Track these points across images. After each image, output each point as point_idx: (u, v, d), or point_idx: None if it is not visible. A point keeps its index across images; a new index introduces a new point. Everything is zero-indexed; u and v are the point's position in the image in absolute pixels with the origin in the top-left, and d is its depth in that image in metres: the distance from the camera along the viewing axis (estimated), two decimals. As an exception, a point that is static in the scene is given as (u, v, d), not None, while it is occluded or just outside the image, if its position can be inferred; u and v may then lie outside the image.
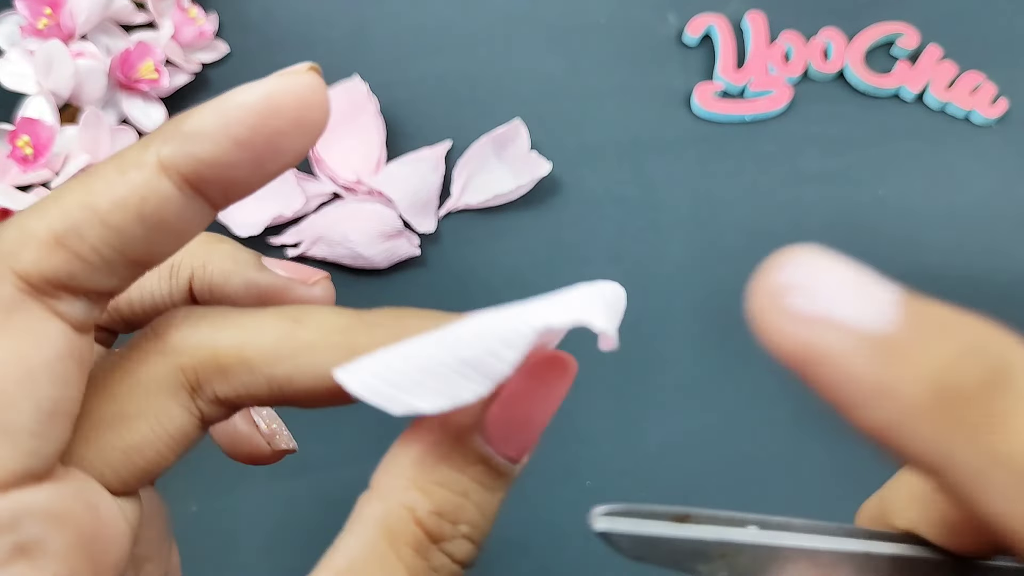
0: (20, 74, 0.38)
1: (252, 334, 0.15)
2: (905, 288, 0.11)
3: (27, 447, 0.13)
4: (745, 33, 0.45)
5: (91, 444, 0.15)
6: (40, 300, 0.13)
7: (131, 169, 0.13)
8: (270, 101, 0.14)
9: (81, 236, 0.13)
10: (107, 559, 0.14)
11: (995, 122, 0.44)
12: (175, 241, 0.14)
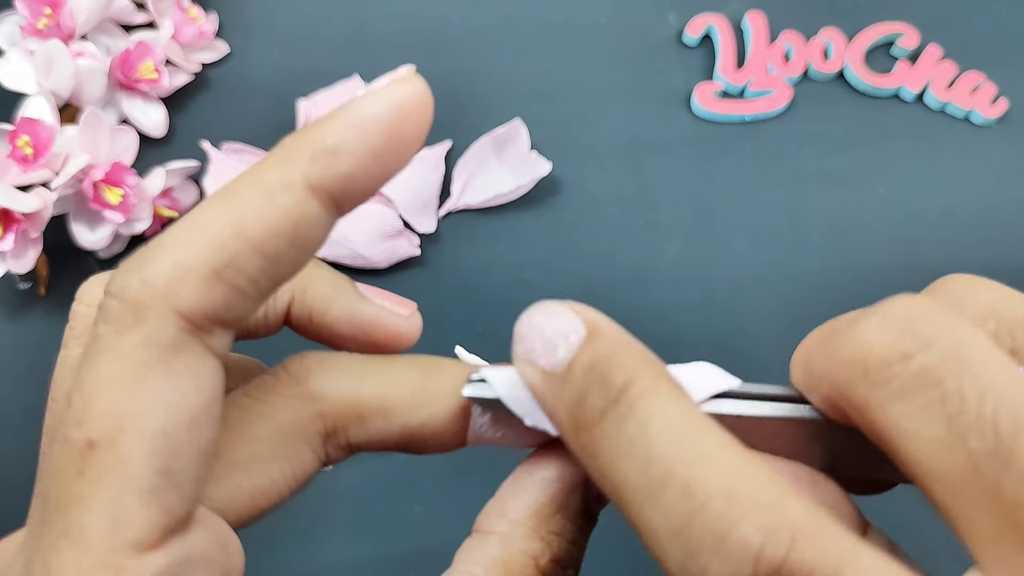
0: (20, 74, 0.38)
1: (392, 386, 0.15)
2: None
3: (189, 493, 0.13)
4: (745, 33, 0.45)
5: (221, 485, 0.14)
6: (199, 338, 0.13)
7: (280, 193, 0.13)
8: (400, 111, 0.14)
9: (239, 269, 0.13)
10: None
11: (995, 122, 0.44)
12: (310, 258, 0.14)
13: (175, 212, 0.40)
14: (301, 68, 0.44)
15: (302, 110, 0.41)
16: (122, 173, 0.37)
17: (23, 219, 0.35)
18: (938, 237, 0.42)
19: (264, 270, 0.13)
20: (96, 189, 0.36)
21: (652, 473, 0.13)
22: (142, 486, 0.12)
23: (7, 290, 0.39)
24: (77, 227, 0.37)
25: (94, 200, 0.36)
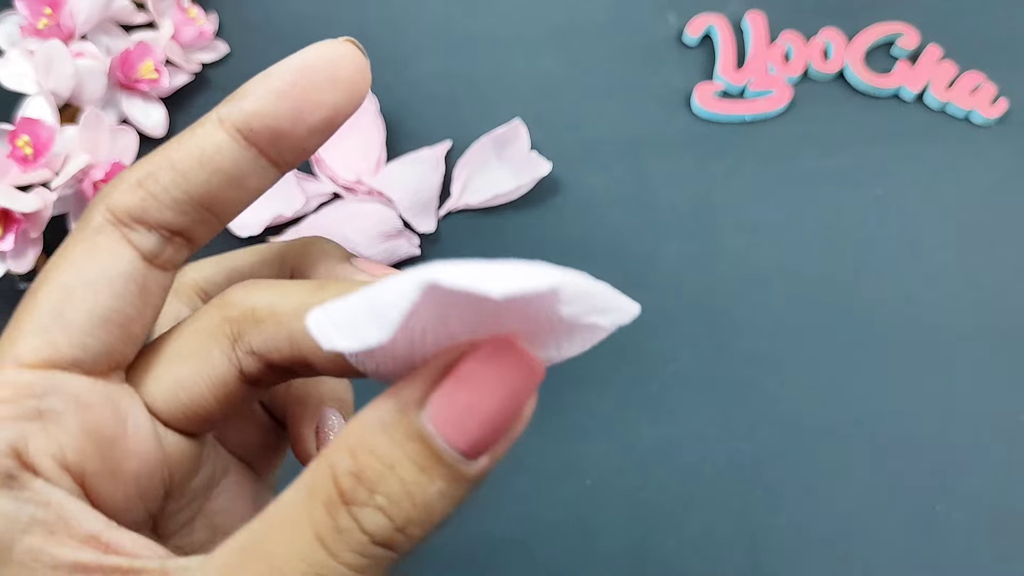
0: (20, 74, 0.38)
1: (284, 296, 0.17)
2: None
3: (77, 340, 0.16)
4: (745, 33, 0.45)
5: (150, 374, 0.18)
6: (119, 228, 0.17)
7: (197, 127, 0.17)
8: (304, 59, 0.16)
9: (156, 179, 0.16)
10: (123, 466, 0.17)
11: (995, 122, 0.44)
12: (236, 188, 0.17)
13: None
14: (301, 68, 0.44)
15: (302, 110, 0.41)
16: (122, 173, 0.37)
17: (23, 219, 0.35)
18: (938, 237, 0.42)
19: (175, 182, 0.16)
20: (96, 189, 0.36)
21: None
22: (37, 320, 0.16)
23: (7, 290, 0.39)
24: (77, 227, 0.37)
25: (94, 200, 0.36)
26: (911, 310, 0.41)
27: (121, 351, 0.17)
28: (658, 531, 0.36)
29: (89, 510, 0.16)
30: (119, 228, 0.17)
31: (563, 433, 0.38)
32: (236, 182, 0.17)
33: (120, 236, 0.17)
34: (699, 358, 0.39)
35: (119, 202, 0.16)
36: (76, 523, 0.15)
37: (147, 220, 0.17)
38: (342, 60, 0.16)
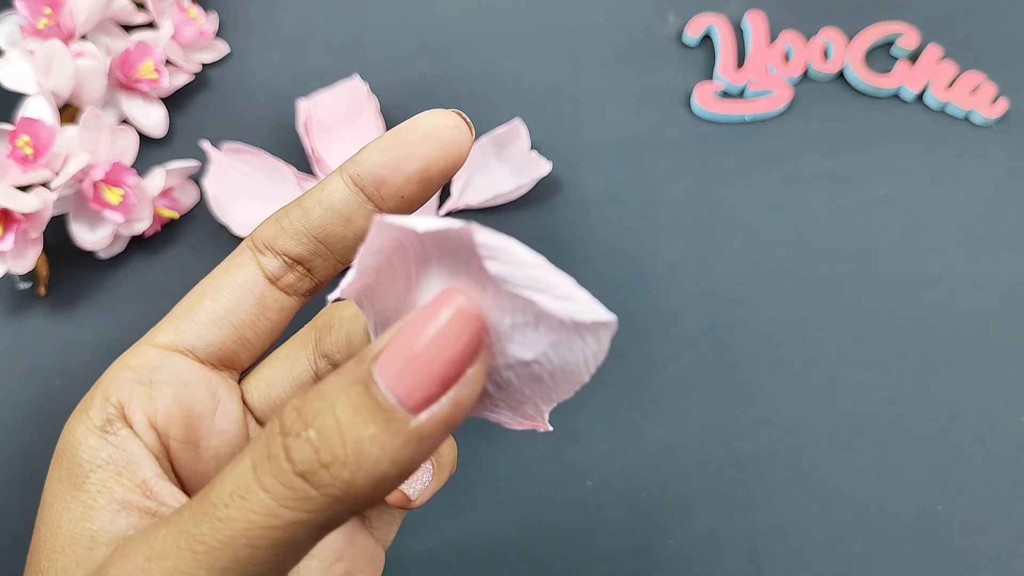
0: (20, 74, 0.38)
1: (350, 304, 0.21)
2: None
3: (196, 331, 0.20)
4: (745, 33, 0.45)
5: (255, 374, 0.22)
6: (253, 252, 0.20)
7: (325, 179, 0.20)
8: (409, 122, 0.19)
9: (287, 214, 0.20)
10: (206, 441, 0.20)
11: (995, 122, 0.44)
12: (344, 224, 0.20)
13: (175, 212, 0.40)
14: (301, 68, 0.44)
15: (302, 110, 0.41)
16: (122, 173, 0.37)
17: (23, 219, 0.35)
18: (938, 237, 0.42)
19: (299, 216, 0.20)
20: (96, 189, 0.36)
21: None
22: (176, 313, 0.20)
23: (7, 290, 0.39)
24: (77, 227, 0.37)
25: (94, 200, 0.36)
26: (911, 310, 0.41)
27: (232, 348, 0.20)
28: (658, 531, 0.36)
29: (150, 462, 0.19)
30: (253, 252, 0.20)
31: (564, 434, 0.38)
32: (344, 219, 0.20)
33: (251, 257, 0.20)
34: (699, 358, 0.39)
35: (259, 233, 0.21)
36: (137, 470, 0.18)
37: (275, 247, 0.20)
38: (441, 121, 0.19)
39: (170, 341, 0.20)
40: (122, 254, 0.40)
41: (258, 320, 0.20)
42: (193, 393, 0.20)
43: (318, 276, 0.21)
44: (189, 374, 0.20)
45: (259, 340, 0.21)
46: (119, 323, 0.39)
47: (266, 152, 0.41)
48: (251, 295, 0.20)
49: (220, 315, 0.20)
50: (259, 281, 0.20)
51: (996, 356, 0.40)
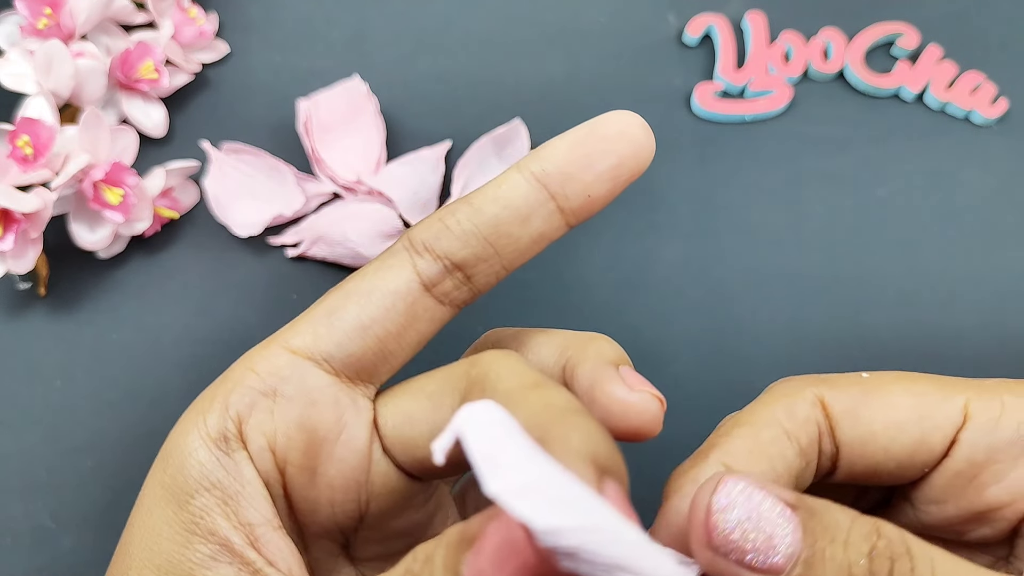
0: (20, 74, 0.38)
1: (510, 376, 0.17)
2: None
3: (335, 338, 0.18)
4: (745, 33, 0.45)
5: (393, 398, 0.19)
6: (409, 253, 0.18)
7: (500, 176, 0.19)
8: (598, 119, 0.18)
9: (452, 212, 0.18)
10: (324, 468, 0.18)
11: (995, 122, 0.44)
12: (520, 224, 0.18)
13: (175, 212, 0.40)
14: (301, 68, 0.44)
15: (302, 110, 0.41)
16: (122, 173, 0.37)
17: (23, 219, 0.35)
18: (938, 237, 0.42)
19: (468, 215, 0.18)
20: (96, 189, 0.36)
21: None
22: (314, 314, 0.19)
23: (7, 290, 0.39)
24: (77, 227, 0.37)
25: (94, 200, 0.36)
26: (911, 310, 0.41)
27: (371, 361, 0.18)
28: (658, 531, 0.36)
29: (263, 499, 0.17)
30: (410, 253, 0.19)
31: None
32: (522, 219, 0.18)
33: (407, 259, 0.19)
34: (699, 359, 0.39)
35: (418, 232, 0.19)
36: (246, 505, 0.17)
37: (436, 249, 0.18)
38: (632, 120, 0.18)
39: (305, 346, 0.18)
40: (122, 254, 0.40)
41: (405, 331, 0.19)
42: (319, 415, 0.18)
43: (477, 285, 0.19)
44: (318, 392, 0.18)
45: (402, 352, 0.19)
46: (119, 323, 0.39)
47: (266, 152, 0.41)
48: (402, 303, 0.18)
49: (366, 324, 0.18)
50: (413, 288, 0.18)
51: (996, 356, 0.40)
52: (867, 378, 0.18)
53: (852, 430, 0.18)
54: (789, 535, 0.15)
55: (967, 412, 0.17)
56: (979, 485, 0.17)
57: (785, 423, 0.18)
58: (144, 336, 0.39)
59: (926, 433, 0.17)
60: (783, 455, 0.18)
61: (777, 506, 0.15)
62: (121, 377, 0.38)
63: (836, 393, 0.18)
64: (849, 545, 0.15)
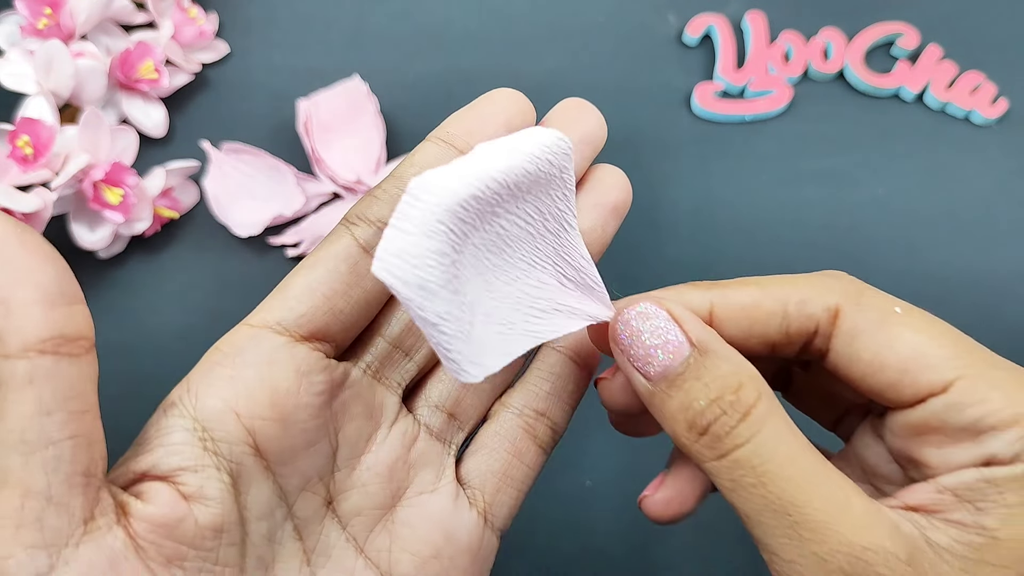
0: (20, 74, 0.38)
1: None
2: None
3: (286, 304, 0.20)
4: (745, 33, 0.45)
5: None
6: (346, 226, 0.21)
7: (417, 147, 0.22)
8: (486, 96, 0.23)
9: (381, 187, 0.21)
10: (293, 416, 0.20)
11: (995, 122, 0.44)
12: None
13: (175, 212, 0.40)
14: (301, 68, 0.44)
15: (302, 110, 0.41)
16: (122, 173, 0.37)
17: (23, 219, 0.35)
18: (938, 237, 0.42)
19: (393, 184, 0.21)
20: (96, 189, 0.36)
21: (781, 508, 0.18)
22: (273, 293, 0.21)
23: (7, 290, 0.39)
24: (77, 227, 0.37)
25: (94, 200, 0.36)
26: (911, 310, 0.41)
27: (323, 320, 0.20)
28: (658, 531, 0.36)
29: (188, 447, 0.19)
30: (345, 225, 0.21)
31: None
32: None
33: (344, 230, 0.20)
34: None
35: (351, 209, 0.21)
36: (162, 453, 0.19)
37: (367, 216, 0.20)
38: (515, 93, 0.22)
39: (261, 319, 0.20)
40: (122, 254, 0.40)
41: (351, 289, 0.20)
42: (278, 371, 0.19)
43: None
44: (274, 352, 0.19)
45: (353, 311, 0.20)
46: (119, 323, 0.39)
47: (266, 152, 0.41)
48: (344, 264, 0.20)
49: (313, 287, 0.20)
50: (352, 250, 0.20)
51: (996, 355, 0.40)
52: (898, 312, 0.20)
53: (845, 347, 0.20)
54: (668, 357, 0.19)
55: (949, 386, 0.19)
56: (922, 441, 0.19)
57: (790, 307, 0.20)
58: (144, 336, 0.39)
59: (902, 385, 0.19)
60: (765, 326, 0.20)
61: (671, 333, 0.19)
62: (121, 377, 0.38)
63: (855, 312, 0.20)
64: (706, 386, 0.18)
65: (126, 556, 0.17)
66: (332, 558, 0.21)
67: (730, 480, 0.18)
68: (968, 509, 0.18)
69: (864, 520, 0.17)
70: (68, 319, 0.18)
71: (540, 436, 0.23)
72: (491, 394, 0.23)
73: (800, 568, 0.18)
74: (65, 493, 0.16)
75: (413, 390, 0.23)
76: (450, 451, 0.22)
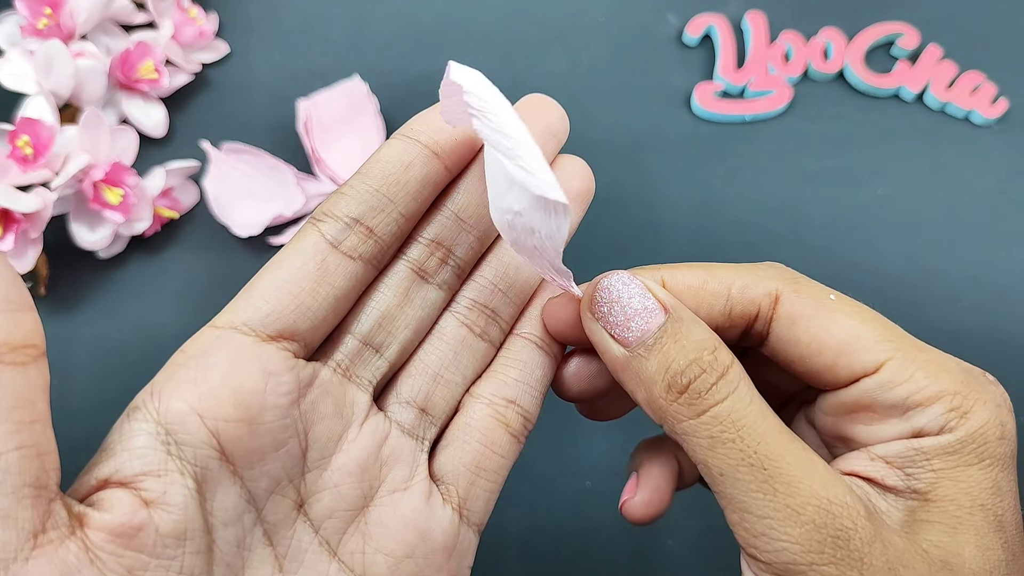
0: (20, 74, 0.38)
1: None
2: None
3: (252, 304, 0.20)
4: (745, 33, 0.45)
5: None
6: (313, 223, 0.21)
7: (382, 144, 0.22)
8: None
9: (347, 183, 0.21)
10: (260, 416, 0.20)
11: (995, 122, 0.44)
12: (403, 170, 0.21)
13: (175, 212, 0.40)
14: (301, 68, 0.44)
15: (302, 110, 0.41)
16: (122, 173, 0.37)
17: (23, 219, 0.35)
18: (938, 237, 0.42)
19: (359, 179, 0.21)
20: (96, 189, 0.36)
21: (758, 462, 0.19)
22: (241, 293, 0.21)
23: (7, 290, 0.39)
24: (77, 227, 0.37)
25: (94, 200, 0.36)
26: (911, 310, 0.41)
27: (290, 318, 0.20)
28: (658, 531, 0.36)
29: (149, 451, 0.18)
30: (313, 223, 0.20)
31: (563, 435, 0.38)
32: (404, 165, 0.21)
33: (311, 227, 0.20)
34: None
35: (319, 207, 0.21)
36: (126, 458, 0.18)
37: (334, 212, 0.20)
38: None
39: (227, 320, 0.20)
40: (122, 254, 0.40)
41: (319, 286, 0.20)
42: (243, 371, 0.19)
43: (380, 235, 0.20)
44: (239, 351, 0.19)
45: (322, 308, 0.20)
46: (119, 323, 0.39)
47: (266, 152, 0.41)
48: (311, 261, 0.20)
49: (278, 285, 0.20)
50: (320, 247, 0.20)
51: (995, 355, 0.40)
52: (833, 300, 0.22)
53: (785, 331, 0.21)
54: (645, 322, 0.20)
55: (880, 366, 0.20)
56: (853, 419, 0.21)
57: (733, 291, 0.21)
58: (144, 336, 0.39)
59: (838, 367, 0.20)
60: (710, 306, 0.21)
61: (647, 301, 0.20)
62: (120, 377, 0.38)
63: (793, 298, 0.22)
64: (683, 347, 0.19)
65: (80, 569, 0.16)
66: (305, 563, 0.20)
67: (708, 437, 0.19)
68: (899, 475, 0.20)
69: (827, 476, 0.19)
70: (14, 326, 0.16)
71: (512, 424, 0.22)
72: (462, 386, 0.23)
73: (773, 523, 0.18)
74: (13, 506, 0.16)
75: (385, 388, 0.22)
76: (423, 447, 0.22)
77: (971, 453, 0.19)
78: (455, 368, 0.22)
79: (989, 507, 0.19)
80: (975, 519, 0.19)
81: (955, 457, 0.19)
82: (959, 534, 0.19)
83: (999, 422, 0.20)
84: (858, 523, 0.18)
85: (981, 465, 0.19)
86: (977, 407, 0.20)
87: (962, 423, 0.19)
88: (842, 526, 0.18)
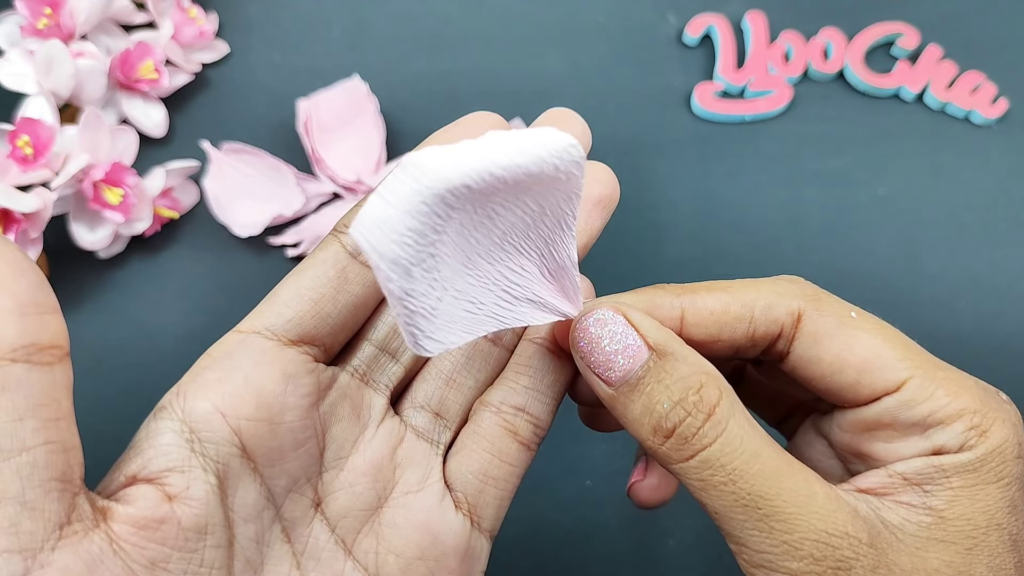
0: (20, 74, 0.38)
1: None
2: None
3: (275, 310, 0.20)
4: (745, 33, 0.45)
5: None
6: (335, 234, 0.21)
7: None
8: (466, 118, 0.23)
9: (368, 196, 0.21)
10: (281, 417, 0.20)
11: (995, 122, 0.44)
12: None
13: (175, 212, 0.40)
14: (301, 68, 0.44)
15: (302, 110, 0.41)
16: (122, 173, 0.37)
17: (23, 219, 0.35)
18: (938, 237, 0.42)
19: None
20: (96, 189, 0.36)
21: (751, 503, 0.18)
22: (266, 299, 0.21)
23: (7, 290, 0.39)
24: (77, 227, 0.37)
25: (94, 200, 0.36)
26: (911, 310, 0.41)
27: (311, 323, 0.20)
28: (658, 531, 0.37)
29: (174, 448, 0.19)
30: (335, 234, 0.21)
31: (563, 434, 0.38)
32: None
33: (332, 238, 0.21)
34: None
35: (343, 217, 0.21)
36: (152, 455, 0.19)
37: None
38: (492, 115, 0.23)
39: (251, 325, 0.20)
40: (122, 254, 0.40)
41: (338, 294, 0.21)
42: (265, 373, 0.20)
43: None
44: (261, 354, 0.20)
45: (341, 315, 0.21)
46: (119, 323, 0.39)
47: (266, 152, 0.41)
48: (332, 269, 0.21)
49: (300, 292, 0.20)
50: (340, 256, 0.21)
51: (995, 355, 0.40)
52: (854, 317, 0.21)
53: (807, 350, 0.21)
54: (627, 361, 0.19)
55: (902, 385, 0.20)
56: (873, 436, 0.21)
57: (756, 313, 0.21)
58: (144, 336, 0.39)
59: (860, 385, 0.20)
60: (733, 330, 0.21)
61: (629, 338, 0.20)
62: (120, 376, 0.38)
63: (816, 316, 0.21)
64: (668, 388, 0.19)
65: (104, 559, 0.17)
66: (321, 561, 0.21)
67: (699, 480, 0.19)
68: (916, 492, 0.20)
69: (828, 507, 0.19)
70: (41, 328, 0.17)
71: (521, 433, 0.22)
72: (475, 390, 0.23)
73: (771, 557, 0.18)
74: (40, 498, 0.16)
75: (401, 393, 0.23)
76: (437, 451, 0.22)
77: (990, 471, 0.19)
78: (467, 372, 0.23)
79: (1004, 526, 0.19)
80: (990, 539, 0.19)
81: (974, 475, 0.19)
82: (972, 554, 0.19)
83: (1017, 441, 0.20)
84: (859, 551, 0.18)
85: (999, 484, 0.19)
86: (996, 426, 0.20)
87: (981, 441, 0.19)
88: (842, 556, 0.18)
